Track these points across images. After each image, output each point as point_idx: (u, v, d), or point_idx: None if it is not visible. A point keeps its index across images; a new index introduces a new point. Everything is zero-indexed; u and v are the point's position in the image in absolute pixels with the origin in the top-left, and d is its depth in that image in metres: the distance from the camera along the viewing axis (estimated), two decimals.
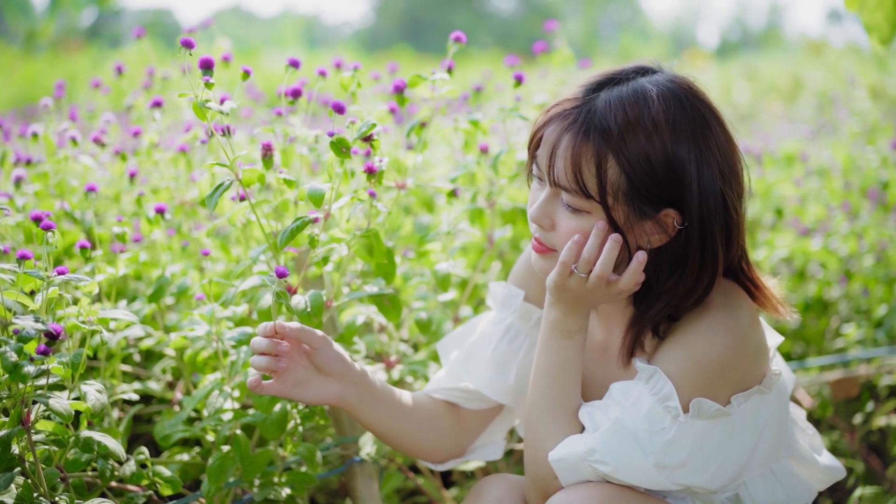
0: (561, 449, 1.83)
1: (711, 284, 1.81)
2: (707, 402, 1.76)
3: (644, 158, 1.71)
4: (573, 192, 1.75)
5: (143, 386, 2.34)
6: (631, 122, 1.72)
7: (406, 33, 36.97)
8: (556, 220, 1.80)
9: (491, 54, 19.60)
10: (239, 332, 2.09)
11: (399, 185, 2.20)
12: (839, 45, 20.32)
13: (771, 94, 12.17)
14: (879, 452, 3.30)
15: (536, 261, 1.87)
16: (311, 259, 2.01)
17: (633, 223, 1.75)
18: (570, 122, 1.76)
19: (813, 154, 4.97)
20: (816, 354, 3.67)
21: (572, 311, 1.85)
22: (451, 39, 2.19)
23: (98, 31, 20.57)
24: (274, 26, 37.28)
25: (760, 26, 45.48)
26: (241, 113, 3.52)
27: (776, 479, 1.95)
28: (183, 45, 1.87)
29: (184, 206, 2.59)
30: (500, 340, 2.12)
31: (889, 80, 9.24)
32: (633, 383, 1.83)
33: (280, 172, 2.00)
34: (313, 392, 1.92)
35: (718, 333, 1.78)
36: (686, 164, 1.73)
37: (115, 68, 2.83)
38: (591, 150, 1.72)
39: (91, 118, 3.19)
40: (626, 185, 1.72)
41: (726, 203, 1.77)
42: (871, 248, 3.83)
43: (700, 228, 1.75)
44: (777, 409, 1.89)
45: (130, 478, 1.95)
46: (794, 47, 28.46)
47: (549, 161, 1.77)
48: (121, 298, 2.55)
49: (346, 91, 2.12)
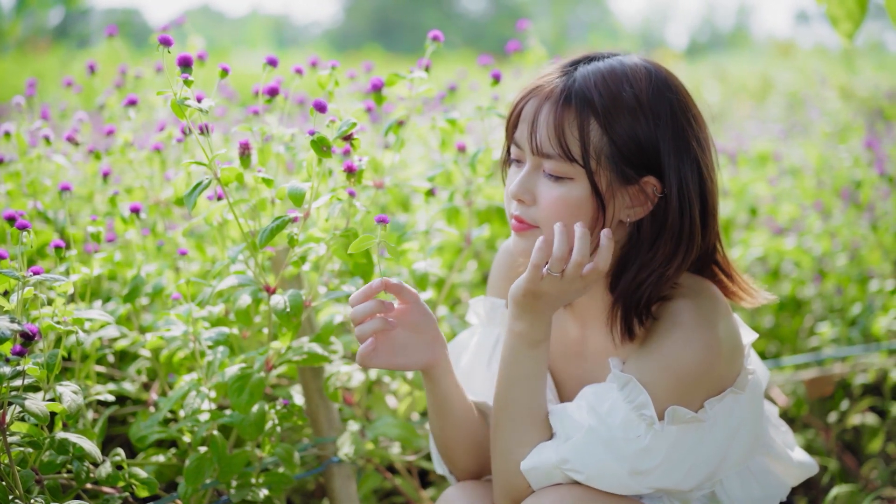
0: (533, 458, 1.83)
1: (689, 254, 1.81)
2: (682, 410, 1.75)
3: (626, 121, 1.74)
4: (556, 157, 1.75)
5: (117, 387, 2.31)
6: (611, 88, 1.75)
7: (376, 33, 36.95)
8: (537, 194, 1.79)
9: (461, 54, 19.62)
10: (216, 332, 2.07)
11: (377, 184, 2.19)
12: (807, 46, 20.49)
13: (741, 94, 12.21)
14: (854, 451, 3.31)
15: (517, 242, 1.85)
16: (290, 258, 2.00)
17: (616, 190, 1.76)
18: (548, 93, 1.78)
19: (785, 153, 5.00)
20: (791, 353, 3.68)
21: (539, 321, 1.82)
22: (430, 38, 2.18)
23: (65, 31, 20.43)
24: (243, 26, 37.20)
25: (729, 27, 45.74)
26: (214, 112, 3.50)
27: (752, 475, 1.95)
28: (160, 43, 1.85)
29: (158, 206, 2.57)
30: (493, 354, 2.11)
31: (857, 81, 9.30)
32: (606, 388, 1.82)
33: (258, 171, 1.99)
34: (417, 356, 1.89)
35: (694, 343, 1.77)
36: (665, 127, 1.76)
37: (88, 67, 2.80)
38: (573, 114, 1.74)
39: (63, 117, 3.16)
40: (609, 148, 1.73)
41: (701, 171, 1.80)
42: (845, 248, 3.85)
43: (678, 195, 1.76)
44: (751, 407, 1.89)
45: (106, 480, 1.93)
46: (763, 48, 28.61)
47: (531, 132, 1.78)
48: (95, 299, 2.53)
49: (324, 89, 2.11)
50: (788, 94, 10.32)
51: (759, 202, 4.28)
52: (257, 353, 2.03)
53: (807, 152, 5.02)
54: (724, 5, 54.85)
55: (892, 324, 3.45)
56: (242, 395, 1.95)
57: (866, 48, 15.14)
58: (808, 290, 3.84)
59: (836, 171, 4.52)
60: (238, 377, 1.96)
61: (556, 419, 1.84)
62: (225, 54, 15.92)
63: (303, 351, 2.08)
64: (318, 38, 40.47)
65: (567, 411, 1.84)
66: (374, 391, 2.46)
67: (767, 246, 3.85)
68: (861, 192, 4.15)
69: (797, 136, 6.06)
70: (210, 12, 41.49)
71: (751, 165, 4.82)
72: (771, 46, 23.72)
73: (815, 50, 17.94)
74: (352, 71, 2.82)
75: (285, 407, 2.06)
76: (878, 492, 2.97)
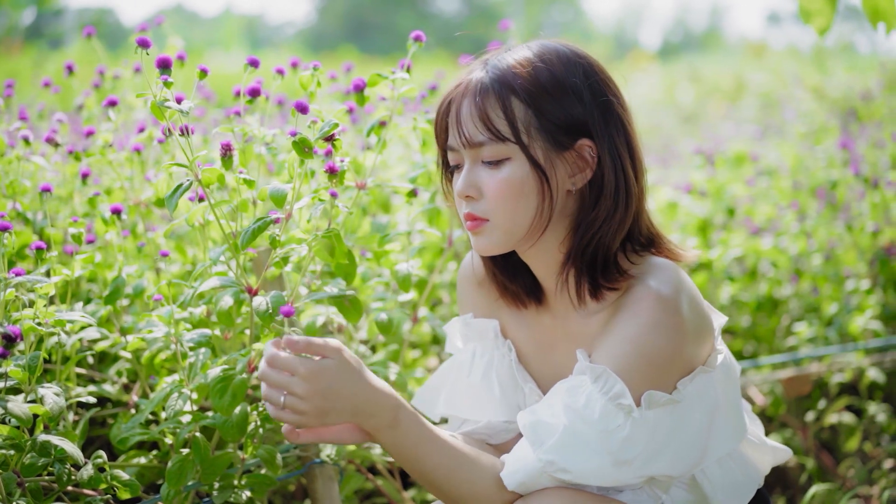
0: (513, 465, 1.81)
1: (630, 208, 1.85)
2: (658, 394, 1.76)
3: (545, 92, 1.79)
4: (488, 142, 1.79)
5: (98, 388, 2.30)
6: (525, 67, 1.81)
7: (350, 34, 36.87)
8: (481, 185, 1.82)
9: (435, 55, 19.61)
10: (198, 333, 2.07)
11: (359, 185, 2.19)
12: (779, 47, 20.60)
13: (714, 94, 12.28)
14: (831, 449, 3.34)
15: (475, 241, 1.87)
16: (272, 260, 1.99)
17: (554, 159, 1.80)
18: (463, 91, 1.84)
19: (761, 154, 5.02)
20: (768, 353, 3.70)
21: (354, 417, 1.74)
22: (411, 39, 2.18)
23: (38, 31, 20.30)
24: (217, 26, 37.03)
25: (702, 28, 45.95)
26: (193, 113, 3.48)
27: (731, 461, 1.97)
28: (139, 45, 1.85)
29: (138, 207, 2.55)
30: (471, 367, 2.11)
31: (829, 82, 9.35)
32: (578, 383, 1.81)
33: (240, 172, 1.98)
34: (346, 428, 1.78)
35: (662, 325, 1.77)
36: (584, 89, 1.81)
37: (66, 67, 2.79)
38: (493, 97, 1.79)
39: (41, 118, 3.14)
40: (536, 119, 1.78)
41: (624, 125, 1.85)
42: (821, 248, 3.87)
43: (610, 152, 1.81)
44: (725, 388, 1.89)
45: (88, 482, 1.92)
46: (735, 49, 28.76)
47: (458, 130, 1.82)
48: (75, 300, 2.52)
49: (306, 90, 2.11)
50: (762, 95, 10.39)
51: (736, 203, 4.30)
52: (239, 354, 2.03)
53: (782, 153, 5.05)
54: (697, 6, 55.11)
55: (868, 323, 3.48)
56: (225, 396, 1.94)
57: (837, 49, 15.22)
58: (784, 290, 3.86)
59: (812, 172, 4.56)
60: (220, 379, 1.96)
61: (528, 430, 1.81)
62: (199, 55, 15.85)
63: None
64: (292, 39, 40.35)
65: (538, 416, 1.82)
66: None
67: (745, 246, 3.87)
68: (836, 193, 4.18)
69: (772, 137, 6.09)
70: (183, 12, 41.25)
71: (727, 166, 4.84)
72: (743, 47, 23.86)
73: (788, 51, 18.04)
74: (332, 72, 2.82)
75: None
76: (854, 490, 2.99)
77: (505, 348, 2.07)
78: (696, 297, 1.86)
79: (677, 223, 4.06)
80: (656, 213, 4.06)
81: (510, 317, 2.07)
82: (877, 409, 3.28)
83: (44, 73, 7.32)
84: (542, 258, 1.92)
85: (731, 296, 3.76)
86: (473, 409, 2.07)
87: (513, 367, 2.05)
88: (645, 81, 14.54)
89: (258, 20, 46.07)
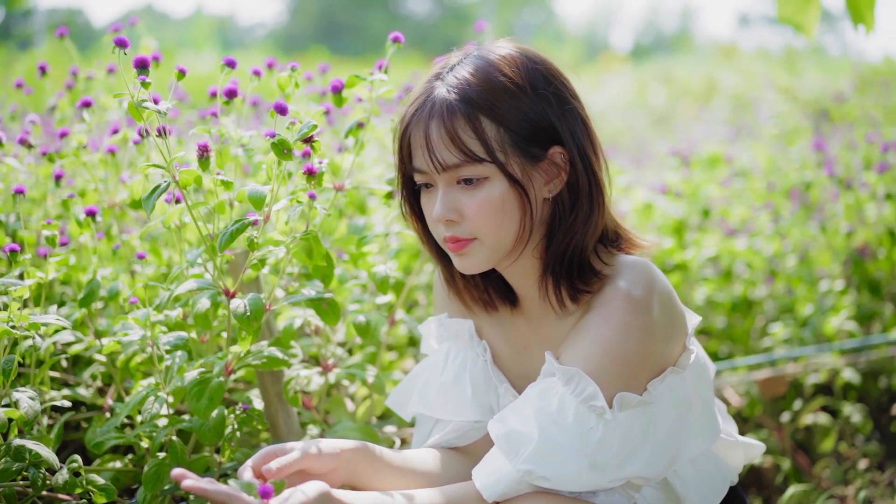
0: (490, 476, 1.79)
1: (603, 207, 1.86)
2: (630, 396, 1.76)
3: (511, 105, 1.77)
4: (463, 164, 1.77)
5: (72, 392, 2.28)
6: (485, 81, 1.78)
7: (321, 35, 36.83)
8: (461, 207, 1.80)
9: (407, 56, 19.60)
10: (174, 336, 2.05)
11: (337, 186, 2.18)
12: (749, 50, 20.70)
13: (686, 96, 12.33)
14: (806, 450, 3.34)
15: (461, 262, 1.85)
16: (249, 262, 1.98)
17: (530, 171, 1.79)
18: (429, 112, 1.80)
19: (735, 156, 5.04)
20: (743, 354, 3.71)
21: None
22: (390, 40, 2.17)
23: (7, 32, 20.16)
24: (187, 27, 36.91)
25: (673, 30, 46.14)
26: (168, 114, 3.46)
27: (704, 459, 1.97)
28: (116, 45, 1.83)
29: (113, 209, 2.53)
30: (444, 366, 2.10)
31: (800, 83, 9.41)
32: (548, 386, 1.81)
33: (217, 174, 1.97)
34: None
35: (632, 326, 1.77)
36: (546, 97, 1.80)
37: (39, 68, 2.77)
38: (462, 119, 1.76)
39: (12, 119, 3.12)
40: (508, 136, 1.77)
41: (587, 124, 1.86)
42: (795, 249, 3.89)
43: (579, 153, 1.81)
44: (696, 388, 1.89)
45: (63, 486, 1.90)
46: (706, 51, 28.90)
47: (429, 154, 1.79)
48: (48, 303, 2.49)
49: (283, 91, 2.09)
50: (733, 97, 10.44)
51: (711, 204, 4.31)
52: (216, 357, 2.01)
53: (756, 154, 5.07)
54: (668, 8, 55.31)
55: (843, 324, 3.50)
56: (202, 399, 1.92)
57: (807, 52, 15.33)
58: (759, 291, 3.87)
59: (785, 173, 4.57)
60: (197, 382, 1.94)
61: (501, 441, 1.79)
62: (171, 55, 15.78)
63: (262, 355, 2.05)
64: (263, 40, 40.28)
65: (509, 426, 1.80)
66: (333, 395, 2.45)
67: (720, 247, 3.88)
68: (810, 194, 4.20)
69: (745, 139, 6.11)
70: (154, 12, 41.06)
71: (702, 167, 4.86)
72: (714, 49, 23.98)
73: (758, 53, 18.13)
74: (307, 73, 2.80)
75: (245, 412, 2.04)
76: (830, 491, 3.00)
77: (480, 348, 2.06)
78: (669, 296, 1.86)
79: (653, 224, 4.07)
80: (632, 214, 4.07)
81: (485, 319, 2.07)
82: (852, 410, 3.30)
83: (14, 74, 7.26)
84: (519, 269, 1.92)
85: (707, 297, 3.77)
86: (445, 408, 2.06)
87: (487, 368, 2.04)
88: (616, 83, 14.60)
89: (229, 21, 45.95)
